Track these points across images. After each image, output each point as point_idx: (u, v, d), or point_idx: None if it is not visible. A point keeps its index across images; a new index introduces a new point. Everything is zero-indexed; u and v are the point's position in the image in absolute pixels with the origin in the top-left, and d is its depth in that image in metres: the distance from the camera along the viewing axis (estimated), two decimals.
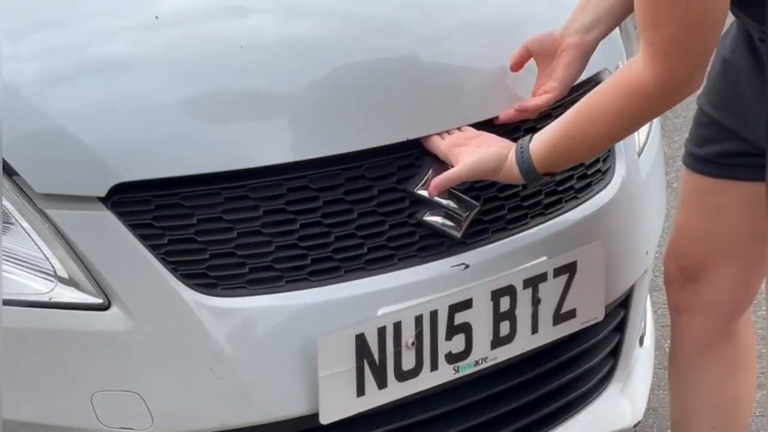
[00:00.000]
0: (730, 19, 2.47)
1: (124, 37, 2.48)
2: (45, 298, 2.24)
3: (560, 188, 2.62)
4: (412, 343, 2.38)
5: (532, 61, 2.57)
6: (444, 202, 2.44)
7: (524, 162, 2.40)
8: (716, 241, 2.72)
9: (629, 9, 2.47)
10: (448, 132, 2.46)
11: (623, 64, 2.69)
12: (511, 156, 2.41)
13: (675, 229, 2.84)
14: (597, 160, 2.70)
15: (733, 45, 2.56)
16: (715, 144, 2.63)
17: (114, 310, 2.25)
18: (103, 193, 2.25)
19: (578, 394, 2.74)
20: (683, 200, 2.79)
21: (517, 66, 2.55)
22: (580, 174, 2.65)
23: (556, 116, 2.45)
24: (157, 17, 2.50)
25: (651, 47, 2.22)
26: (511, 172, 2.41)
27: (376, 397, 2.37)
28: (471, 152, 2.42)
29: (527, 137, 2.42)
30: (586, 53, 2.56)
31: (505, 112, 2.51)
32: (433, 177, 2.43)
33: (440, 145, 2.44)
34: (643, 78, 2.25)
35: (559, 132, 2.39)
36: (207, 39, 2.49)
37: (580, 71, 2.57)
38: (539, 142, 2.40)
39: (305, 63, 2.46)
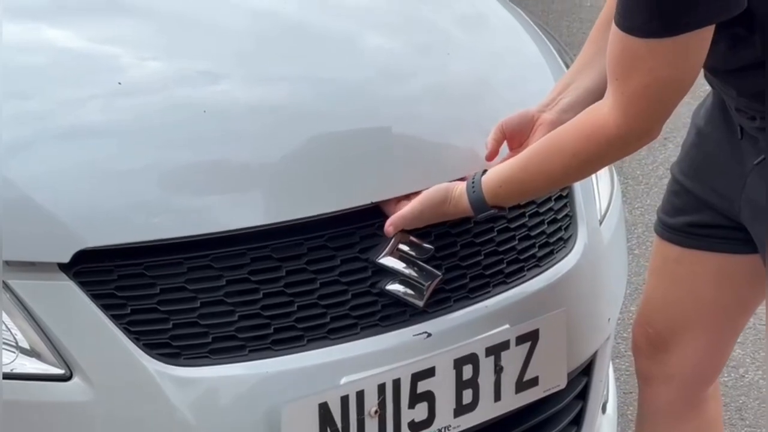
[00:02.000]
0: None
1: (89, 105, 2.48)
2: (7, 369, 2.22)
3: (522, 257, 2.62)
4: (375, 412, 2.36)
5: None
6: (406, 271, 2.44)
7: (474, 192, 2.41)
8: (684, 311, 2.71)
9: None
10: (407, 198, 2.47)
11: None
12: (462, 188, 2.42)
13: (643, 297, 2.84)
14: (559, 228, 2.70)
15: (707, 116, 2.57)
16: (686, 214, 2.64)
17: (76, 380, 2.23)
18: (66, 259, 2.24)
19: None
20: (652, 268, 2.79)
21: (493, 153, 2.55)
22: (542, 242, 2.65)
23: None
24: (120, 83, 2.51)
25: (621, 96, 2.23)
26: (461, 202, 2.42)
27: None
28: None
29: (480, 171, 2.44)
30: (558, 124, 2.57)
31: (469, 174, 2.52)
32: (395, 246, 2.43)
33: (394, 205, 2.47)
34: (608, 123, 2.26)
35: (514, 166, 2.41)
36: (171, 106, 2.50)
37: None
38: (492, 174, 2.42)
39: (269, 130, 2.48)
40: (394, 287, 2.43)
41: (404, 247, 2.45)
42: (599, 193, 2.88)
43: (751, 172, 2.42)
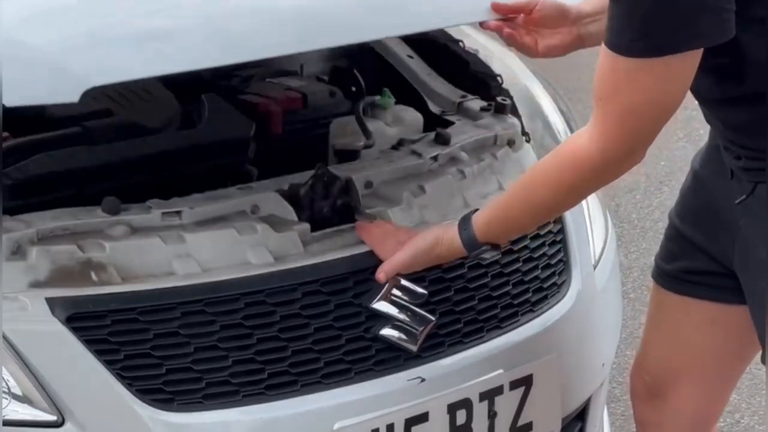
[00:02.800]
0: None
1: None
2: None
3: (516, 302, 2.64)
4: None
5: None
6: (400, 316, 2.45)
7: (465, 230, 2.44)
8: (680, 358, 2.73)
9: None
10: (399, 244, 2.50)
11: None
12: (453, 229, 2.45)
13: (642, 343, 2.86)
14: (553, 273, 2.72)
15: (704, 158, 2.59)
16: (681, 260, 2.66)
17: (68, 426, 2.24)
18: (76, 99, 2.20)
19: None
20: (649, 314, 2.81)
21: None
22: (536, 287, 2.67)
23: None
24: None
25: (605, 117, 2.24)
26: (453, 243, 2.45)
27: None
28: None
29: (471, 210, 2.47)
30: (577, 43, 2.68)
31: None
32: (389, 291, 2.45)
33: (370, 233, 2.51)
34: (590, 150, 2.27)
35: (501, 202, 2.45)
36: None
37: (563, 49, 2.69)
38: (482, 211, 2.45)
39: None
40: (388, 332, 2.44)
41: (398, 292, 2.47)
42: (593, 238, 2.91)
43: (742, 217, 2.42)
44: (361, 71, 3.04)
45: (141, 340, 2.28)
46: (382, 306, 2.45)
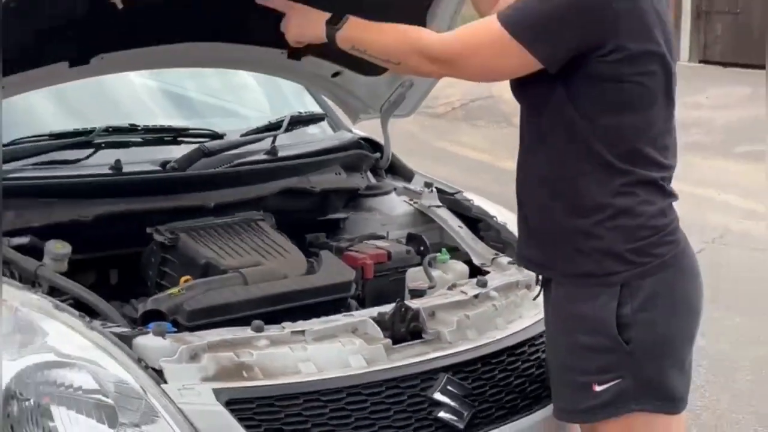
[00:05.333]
0: None
1: None
2: None
3: (531, 395, 2.58)
4: None
5: None
6: (452, 403, 2.43)
7: (341, 20, 2.33)
8: None
9: None
10: None
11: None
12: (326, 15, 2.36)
13: None
14: None
15: None
16: None
17: None
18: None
19: None
20: None
21: None
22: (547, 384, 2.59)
23: None
24: None
25: (461, 36, 2.21)
26: (321, 18, 2.36)
27: None
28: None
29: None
30: None
31: None
32: (445, 386, 2.43)
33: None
34: (436, 39, 2.23)
35: (374, 24, 2.33)
36: None
37: None
38: (358, 18, 2.34)
39: None
40: (443, 414, 2.42)
41: (450, 387, 2.46)
42: None
43: None
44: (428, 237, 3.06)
45: (276, 419, 2.26)
46: (439, 396, 2.43)
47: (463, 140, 9.08)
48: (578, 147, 2.20)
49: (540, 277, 2.40)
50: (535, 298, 2.48)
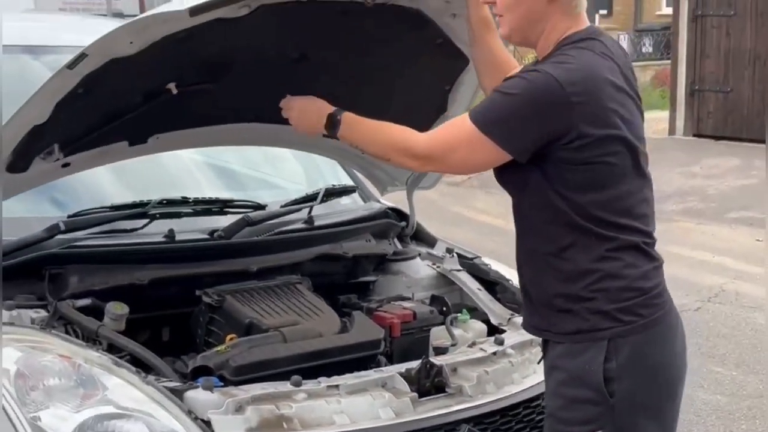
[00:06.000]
0: None
1: None
2: None
3: None
4: None
5: None
6: None
7: (338, 113, 2.35)
8: None
9: None
10: None
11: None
12: (330, 109, 2.38)
13: None
14: None
15: None
16: None
17: None
18: None
19: None
20: None
21: None
22: None
23: None
24: None
25: (443, 135, 2.22)
26: (322, 112, 2.37)
27: None
28: None
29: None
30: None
31: None
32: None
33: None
34: (421, 140, 2.24)
35: (366, 120, 2.34)
36: None
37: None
38: (352, 114, 2.36)
39: None
40: None
41: None
42: None
43: None
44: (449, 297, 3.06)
45: None
46: None
47: (478, 206, 9.09)
48: (561, 223, 2.21)
49: (542, 340, 2.40)
50: (538, 362, 2.47)
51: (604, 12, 20.86)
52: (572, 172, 2.17)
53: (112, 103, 2.54)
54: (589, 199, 2.19)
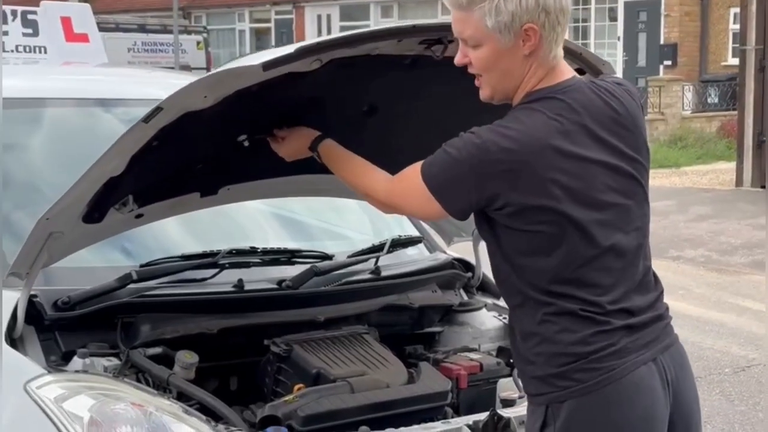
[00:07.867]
0: None
1: None
2: None
3: None
4: None
5: None
6: None
7: (321, 139, 2.47)
8: None
9: None
10: None
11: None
12: (315, 135, 2.49)
13: None
14: None
15: None
16: None
17: None
18: None
19: None
20: None
21: None
22: None
23: None
24: None
25: (400, 183, 2.28)
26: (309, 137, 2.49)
27: None
28: None
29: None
30: None
31: None
32: None
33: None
34: (382, 187, 2.31)
35: (347, 155, 2.45)
36: None
37: None
38: (335, 144, 2.47)
39: None
40: None
41: None
42: None
43: None
44: None
45: None
46: None
47: None
48: (509, 284, 2.24)
49: None
50: None
51: (668, 63, 20.77)
52: (511, 236, 2.19)
53: (184, 155, 2.61)
54: (528, 263, 2.19)
